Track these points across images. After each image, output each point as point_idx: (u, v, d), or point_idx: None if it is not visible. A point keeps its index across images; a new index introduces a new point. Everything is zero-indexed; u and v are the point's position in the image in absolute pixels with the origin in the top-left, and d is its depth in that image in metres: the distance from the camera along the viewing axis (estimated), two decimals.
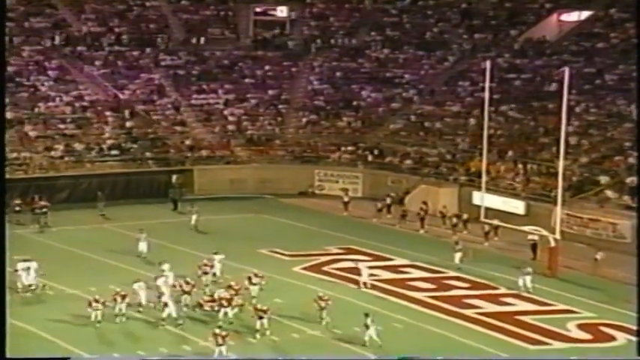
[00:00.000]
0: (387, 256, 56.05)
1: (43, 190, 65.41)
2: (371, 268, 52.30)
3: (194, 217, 61.43)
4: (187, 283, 45.96)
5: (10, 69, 74.51)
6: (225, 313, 43.28)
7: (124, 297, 44.21)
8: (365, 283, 49.40)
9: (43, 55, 78.66)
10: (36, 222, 61.56)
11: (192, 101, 78.29)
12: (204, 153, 73.71)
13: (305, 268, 53.36)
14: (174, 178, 69.31)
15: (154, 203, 66.94)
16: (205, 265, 49.44)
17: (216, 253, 50.46)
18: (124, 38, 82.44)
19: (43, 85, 76.03)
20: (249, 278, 47.09)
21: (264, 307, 42.43)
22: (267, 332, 41.91)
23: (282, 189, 71.01)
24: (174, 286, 46.03)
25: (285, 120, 78.17)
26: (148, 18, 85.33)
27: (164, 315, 43.36)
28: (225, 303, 43.64)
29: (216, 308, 43.86)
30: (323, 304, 43.68)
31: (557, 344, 42.17)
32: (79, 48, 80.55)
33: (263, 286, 46.97)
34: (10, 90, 71.17)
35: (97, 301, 43.41)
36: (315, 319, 43.98)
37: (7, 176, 60.20)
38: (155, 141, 73.35)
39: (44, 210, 62.33)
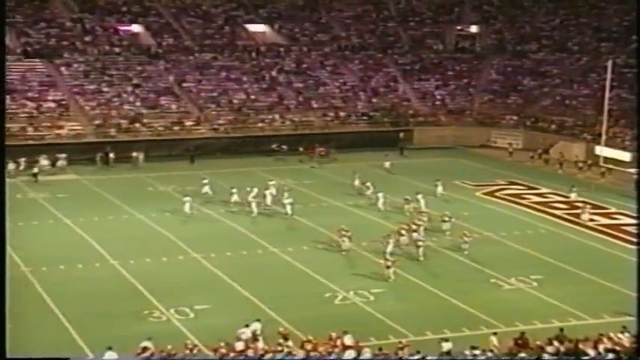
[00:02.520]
0: (536, 187, 55.73)
1: (323, 141, 66.25)
2: (525, 195, 52.42)
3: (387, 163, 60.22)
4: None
5: (303, 66, 76.64)
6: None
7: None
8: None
9: (323, 57, 79.79)
10: (316, 162, 62.49)
11: (414, 86, 78.64)
12: (420, 119, 74.15)
13: (484, 193, 53.59)
14: (401, 135, 70.01)
15: (386, 150, 66.02)
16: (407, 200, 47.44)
17: (417, 194, 48.23)
18: (371, 45, 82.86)
19: (322, 75, 77.36)
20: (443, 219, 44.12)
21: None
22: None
23: (469, 142, 70.84)
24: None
25: (473, 98, 77.82)
26: (388, 33, 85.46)
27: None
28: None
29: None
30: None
31: None
32: (346, 52, 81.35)
33: (453, 224, 43.70)
34: (307, 79, 73.09)
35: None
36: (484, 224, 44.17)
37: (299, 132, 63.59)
38: (390, 111, 74.07)
39: (323, 153, 63.65)
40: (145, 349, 26.73)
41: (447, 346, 27.61)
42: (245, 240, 42.40)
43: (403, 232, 40.44)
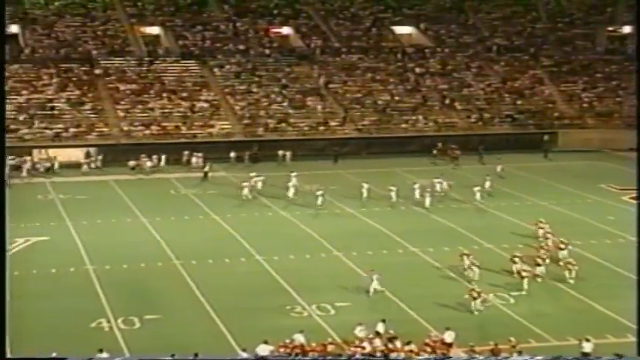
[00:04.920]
0: None
1: (458, 142, 65.59)
2: None
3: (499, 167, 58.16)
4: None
5: (448, 68, 76.04)
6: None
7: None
8: None
9: (468, 58, 79.00)
10: (451, 162, 62.10)
11: (561, 88, 76.78)
12: (566, 121, 72.35)
13: (631, 198, 51.77)
14: (545, 137, 68.48)
15: (529, 153, 65.64)
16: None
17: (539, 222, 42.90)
18: (518, 47, 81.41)
19: (467, 77, 76.55)
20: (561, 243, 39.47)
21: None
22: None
23: (616, 146, 68.44)
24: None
25: (622, 101, 75.41)
26: (536, 34, 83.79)
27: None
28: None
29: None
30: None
31: None
32: (492, 54, 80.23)
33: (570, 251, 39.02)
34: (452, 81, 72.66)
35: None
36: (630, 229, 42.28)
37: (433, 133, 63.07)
38: (536, 113, 72.64)
39: (457, 155, 63.01)
40: (292, 341, 27.53)
41: (588, 346, 27.08)
42: (386, 239, 42.59)
43: (540, 260, 36.82)
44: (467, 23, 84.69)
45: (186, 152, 61.05)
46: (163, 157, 59.55)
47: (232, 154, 61.66)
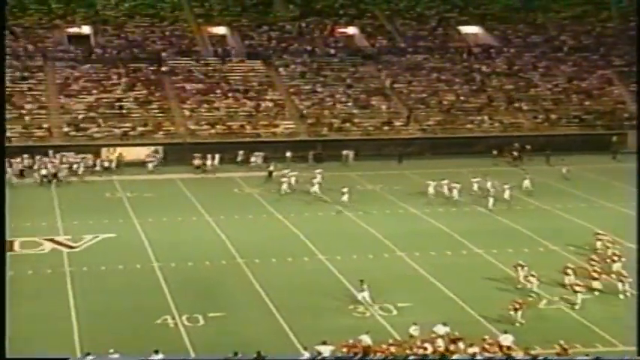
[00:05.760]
0: None
1: (526, 143, 65.00)
2: None
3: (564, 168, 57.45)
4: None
5: (515, 68, 75.15)
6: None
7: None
8: None
9: (535, 58, 78.02)
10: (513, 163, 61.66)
11: (631, 88, 75.23)
12: (635, 122, 70.74)
13: None
14: (614, 138, 67.28)
15: (597, 154, 64.55)
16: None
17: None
18: (586, 47, 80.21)
19: (534, 77, 75.60)
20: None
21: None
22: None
23: None
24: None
25: None
26: (606, 34, 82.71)
27: None
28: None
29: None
30: None
31: None
32: (559, 54, 79.18)
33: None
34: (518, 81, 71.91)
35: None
36: None
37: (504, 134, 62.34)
38: (604, 114, 71.58)
39: (518, 156, 62.70)
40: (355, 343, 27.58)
41: None
42: (450, 240, 42.38)
43: (596, 274, 35.31)
44: (535, 22, 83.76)
45: (241, 152, 61.21)
46: (217, 156, 59.87)
47: (288, 154, 61.62)
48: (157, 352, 26.66)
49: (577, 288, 33.83)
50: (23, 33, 74.04)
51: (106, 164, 59.63)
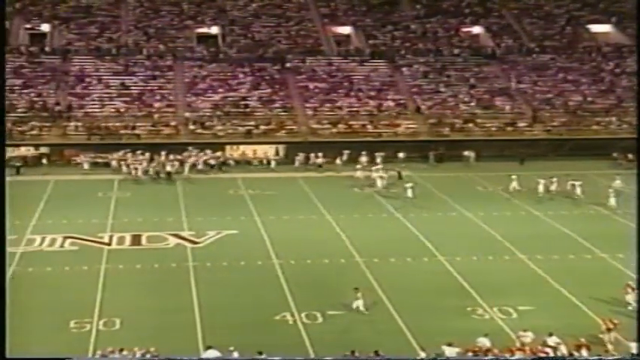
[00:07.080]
0: None
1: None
2: None
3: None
4: None
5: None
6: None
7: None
8: None
9: None
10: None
11: None
12: None
13: None
14: None
15: None
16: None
17: None
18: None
19: None
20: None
21: None
22: None
23: None
24: None
25: None
26: None
27: None
28: None
29: None
30: None
31: None
32: None
33: None
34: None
35: None
36: None
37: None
38: None
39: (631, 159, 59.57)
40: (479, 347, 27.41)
41: None
42: (573, 243, 41.45)
43: None
44: None
45: (346, 152, 60.89)
46: (320, 154, 60.16)
47: (401, 155, 61.17)
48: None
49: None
50: (155, 34, 76.34)
51: (230, 162, 60.86)
